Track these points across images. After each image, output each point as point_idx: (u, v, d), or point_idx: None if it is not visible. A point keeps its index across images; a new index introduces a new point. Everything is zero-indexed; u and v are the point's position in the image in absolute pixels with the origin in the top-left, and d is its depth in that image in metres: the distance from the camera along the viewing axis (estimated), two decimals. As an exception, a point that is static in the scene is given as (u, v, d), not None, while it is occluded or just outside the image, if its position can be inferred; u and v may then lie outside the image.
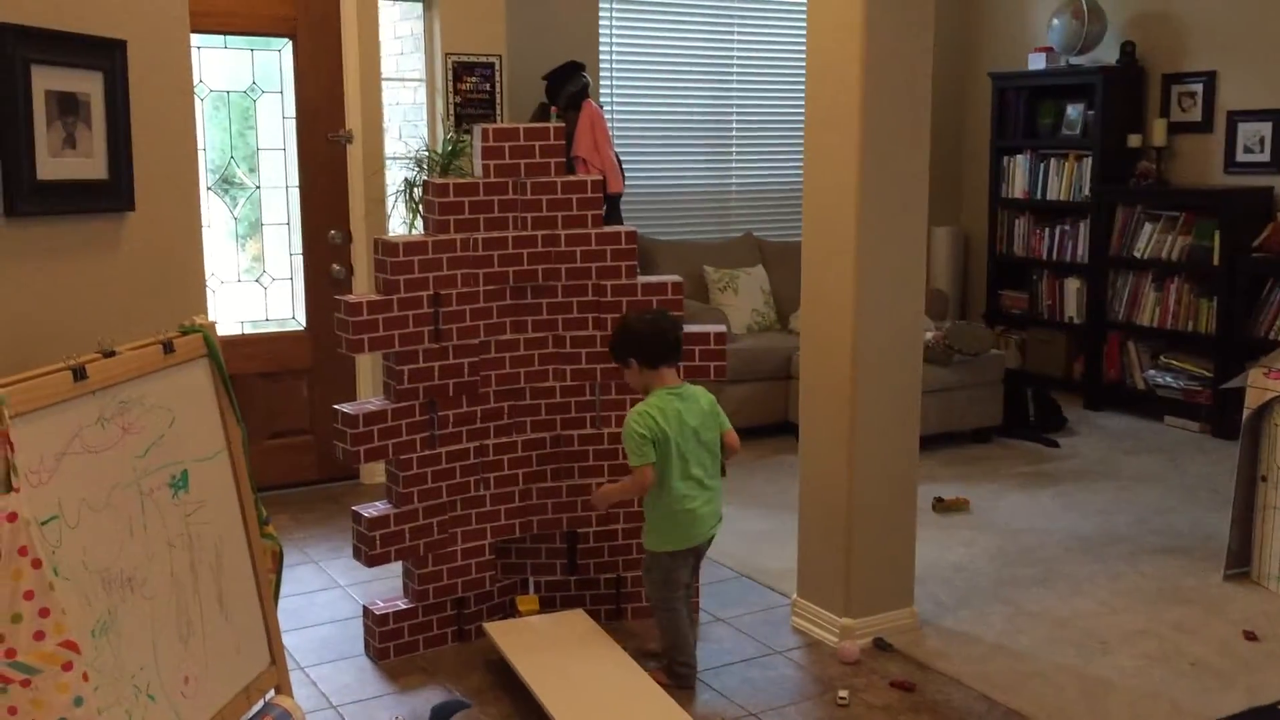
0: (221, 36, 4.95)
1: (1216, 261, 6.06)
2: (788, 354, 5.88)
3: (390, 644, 3.54)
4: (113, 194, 2.59)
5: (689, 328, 3.70)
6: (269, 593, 2.34)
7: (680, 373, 3.48)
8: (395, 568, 3.72)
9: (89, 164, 2.50)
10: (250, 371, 5.09)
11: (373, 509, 3.51)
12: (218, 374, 2.27)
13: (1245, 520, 4.13)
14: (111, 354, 1.98)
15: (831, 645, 3.60)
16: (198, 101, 4.90)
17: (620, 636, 3.55)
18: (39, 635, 1.65)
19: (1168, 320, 6.34)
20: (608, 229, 3.69)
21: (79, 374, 1.87)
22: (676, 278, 3.76)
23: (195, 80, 4.85)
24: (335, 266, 5.23)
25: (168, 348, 2.12)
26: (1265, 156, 6.12)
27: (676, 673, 3.36)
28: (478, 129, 3.60)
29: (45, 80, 2.39)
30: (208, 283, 5.03)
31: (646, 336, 3.34)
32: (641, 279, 3.71)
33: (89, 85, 2.53)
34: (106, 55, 2.61)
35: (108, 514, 1.91)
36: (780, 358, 5.95)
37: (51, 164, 2.40)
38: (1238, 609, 3.88)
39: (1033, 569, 4.25)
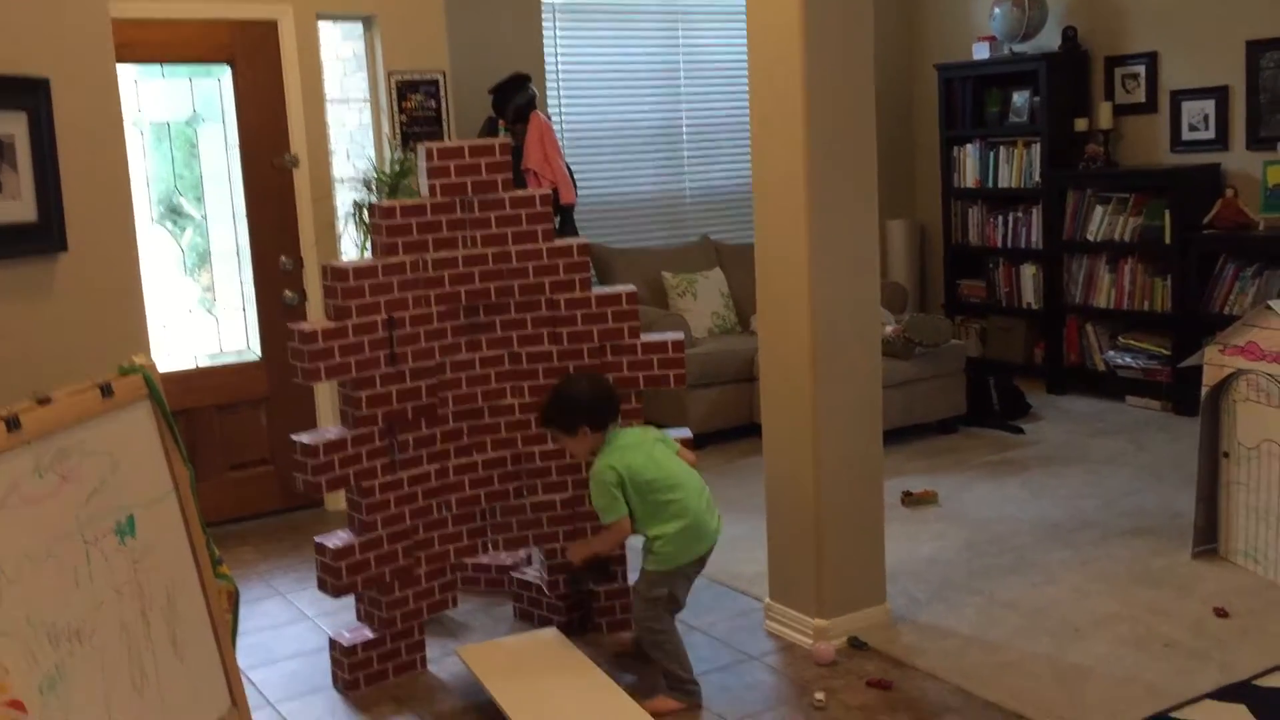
0: (158, 66, 4.88)
1: (1168, 240, 6.10)
2: (750, 356, 5.87)
3: (360, 674, 3.48)
4: (43, 235, 2.54)
5: (646, 336, 3.68)
6: (226, 634, 2.28)
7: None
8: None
9: (16, 206, 2.44)
10: (207, 404, 5.02)
11: (336, 539, 3.46)
12: (160, 414, 2.22)
13: (1210, 497, 4.14)
14: (46, 401, 1.92)
15: (806, 647, 3.58)
16: (138, 134, 4.83)
17: (594, 652, 3.51)
18: (-19, 697, 1.60)
19: (1124, 301, 6.38)
20: (559, 242, 3.66)
21: (12, 424, 1.82)
22: (630, 287, 3.73)
23: (135, 112, 4.79)
24: (287, 293, 5.17)
25: (106, 391, 2.06)
26: (1210, 134, 6.17)
27: (689, 691, 3.28)
28: (422, 148, 3.56)
29: (-34, 123, 2.33)
30: (157, 316, 4.96)
31: (593, 400, 3.33)
32: (596, 290, 3.68)
33: (12, 126, 2.47)
34: (29, 94, 2.55)
35: (51, 566, 1.86)
36: (742, 360, 5.93)
37: (-23, 208, 2.34)
38: (1207, 586, 3.90)
39: (1004, 558, 4.25)
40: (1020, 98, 6.88)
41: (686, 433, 3.74)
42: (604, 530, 3.33)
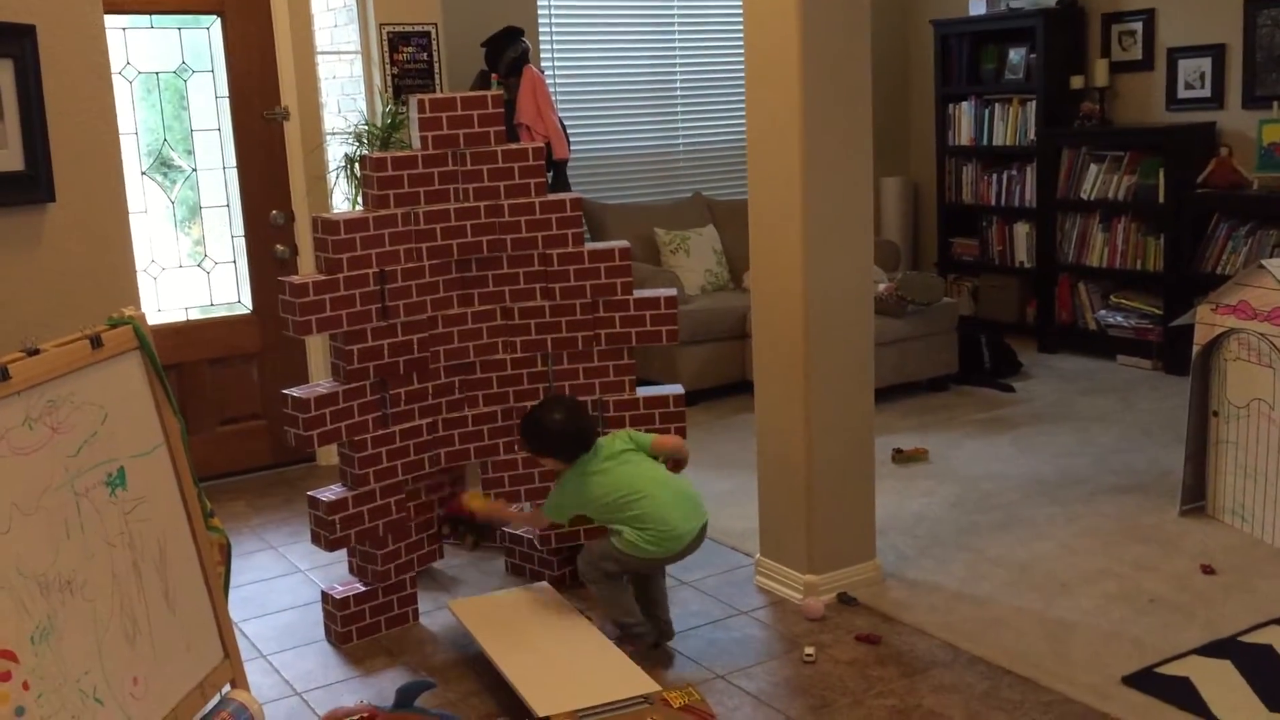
0: (147, 16, 4.82)
1: (1162, 199, 6.08)
2: (742, 313, 5.86)
3: (352, 627, 3.50)
4: (31, 185, 2.51)
5: (639, 292, 3.67)
6: (218, 585, 2.29)
7: None
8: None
9: (3, 155, 2.42)
10: (198, 358, 5.00)
11: (329, 493, 3.46)
12: (151, 366, 2.21)
13: (1199, 455, 4.17)
14: (36, 352, 1.91)
15: (796, 603, 3.61)
16: (126, 84, 4.78)
17: (585, 605, 3.53)
18: (-27, 646, 1.60)
19: (1116, 260, 6.38)
20: (551, 197, 3.64)
21: (2, 374, 1.81)
22: (623, 243, 3.72)
23: (123, 62, 4.73)
24: (279, 247, 5.14)
25: (95, 342, 2.05)
26: (1206, 92, 6.14)
27: (638, 634, 3.31)
28: (413, 100, 3.52)
29: (-49, 70, 2.29)
30: (148, 270, 4.93)
31: (564, 435, 3.28)
32: (588, 246, 3.67)
33: (-1, 73, 2.44)
34: (15, 41, 2.52)
35: (41, 517, 1.85)
36: (735, 317, 5.93)
37: (-37, 157, 2.31)
38: (1194, 543, 3.93)
39: (993, 515, 4.27)
40: (1016, 55, 6.83)
41: (679, 389, 3.74)
42: (532, 515, 3.44)
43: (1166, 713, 2.89)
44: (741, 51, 3.61)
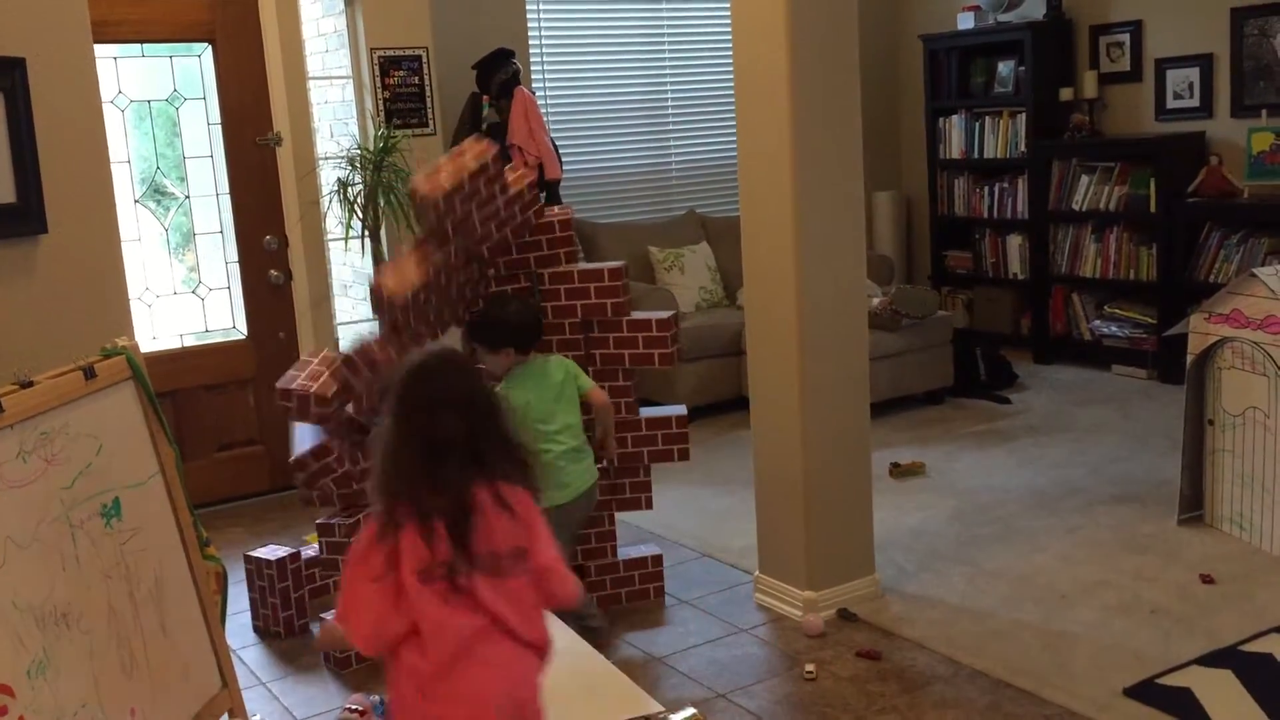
0: (138, 45, 4.83)
1: (1153, 209, 6.10)
2: (737, 329, 5.86)
3: (351, 653, 3.48)
4: (23, 217, 2.51)
5: (635, 314, 3.67)
6: (215, 615, 2.28)
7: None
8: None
9: (-5, 188, 2.42)
10: (194, 385, 5.00)
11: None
12: (144, 395, 2.21)
13: (1196, 465, 4.17)
14: (29, 384, 1.91)
15: (796, 619, 3.60)
16: (118, 112, 4.79)
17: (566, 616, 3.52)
18: (-31, 682, 1.60)
19: (1109, 270, 6.40)
20: (544, 217, 3.64)
21: (-6, 407, 1.81)
22: (615, 263, 3.72)
23: (115, 91, 4.74)
24: (273, 273, 5.14)
25: (89, 373, 2.05)
26: (1195, 101, 6.17)
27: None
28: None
29: (-58, 104, 2.30)
30: (143, 297, 4.93)
31: (519, 325, 3.46)
32: (580, 266, 3.67)
33: (-11, 106, 2.45)
34: (5, 74, 2.52)
35: (36, 549, 1.85)
36: (730, 333, 5.93)
37: (-45, 191, 2.32)
38: (1193, 553, 3.92)
39: (991, 528, 4.27)
40: (1005, 68, 6.86)
41: (682, 410, 3.75)
42: None
43: (1168, 724, 2.89)
44: (731, 67, 3.62)
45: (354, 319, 5.63)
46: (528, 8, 6.34)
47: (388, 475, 1.88)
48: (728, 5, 3.62)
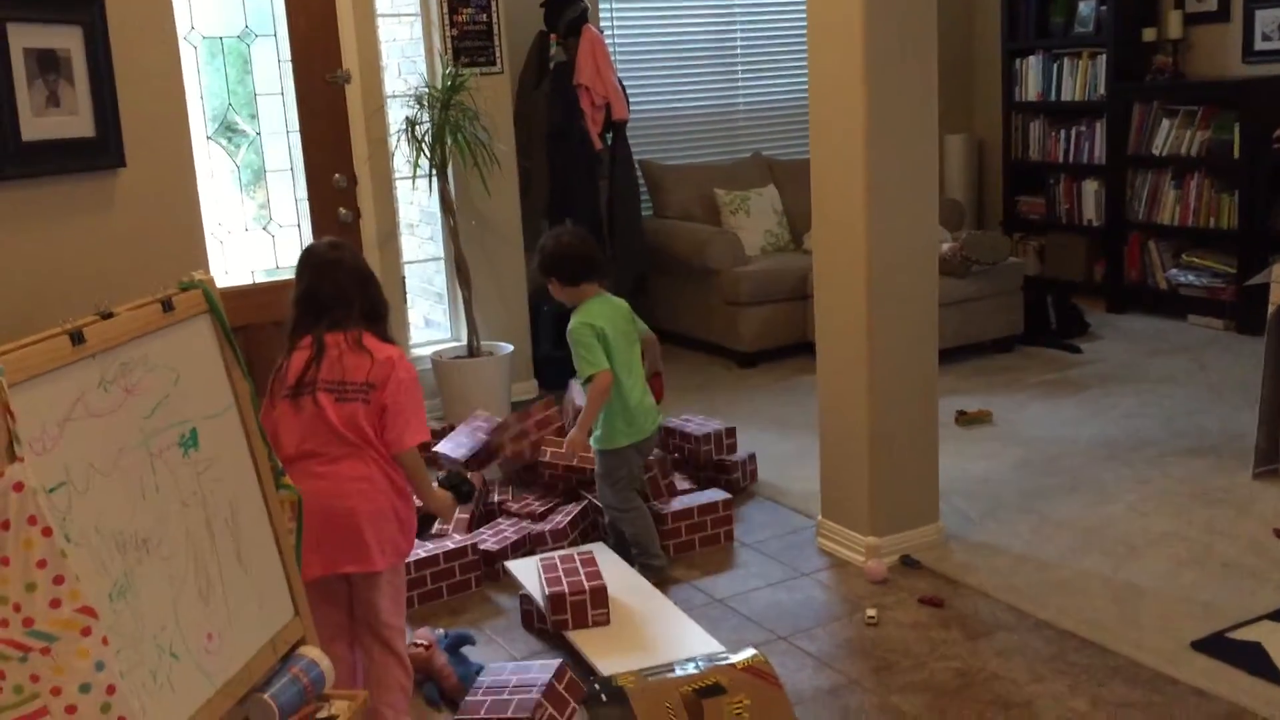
0: (210, -19, 4.86)
1: (1237, 155, 5.92)
2: (803, 274, 5.81)
3: (414, 593, 3.54)
4: (102, 151, 2.55)
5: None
6: (288, 545, 2.32)
7: (602, 285, 3.59)
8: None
9: (75, 122, 2.45)
10: (264, 320, 5.05)
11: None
12: (220, 329, 2.23)
13: (1273, 418, 4.07)
14: (109, 315, 1.94)
15: (858, 565, 3.59)
16: (191, 49, 4.82)
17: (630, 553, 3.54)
18: (55, 603, 1.64)
19: (1189, 218, 6.23)
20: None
21: (77, 338, 1.84)
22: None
23: (188, 28, 4.77)
24: (342, 210, 5.18)
25: (167, 306, 2.08)
26: (1286, 43, 5.95)
27: (652, 567, 3.51)
28: None
29: (23, 38, 2.33)
30: (215, 233, 5.00)
31: (560, 258, 3.50)
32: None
33: (68, 40, 2.47)
34: (84, 8, 2.54)
35: (117, 477, 1.89)
36: (796, 278, 5.88)
37: (35, 124, 2.35)
38: (1268, 507, 3.85)
39: (1058, 478, 4.22)
40: (1086, 7, 6.66)
41: (727, 496, 3.80)
42: (588, 399, 3.47)
43: (1237, 678, 2.85)
44: (803, 7, 3.55)
45: (420, 257, 5.67)
46: (597, -56, 6.26)
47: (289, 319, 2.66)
48: (802, -59, 3.54)
